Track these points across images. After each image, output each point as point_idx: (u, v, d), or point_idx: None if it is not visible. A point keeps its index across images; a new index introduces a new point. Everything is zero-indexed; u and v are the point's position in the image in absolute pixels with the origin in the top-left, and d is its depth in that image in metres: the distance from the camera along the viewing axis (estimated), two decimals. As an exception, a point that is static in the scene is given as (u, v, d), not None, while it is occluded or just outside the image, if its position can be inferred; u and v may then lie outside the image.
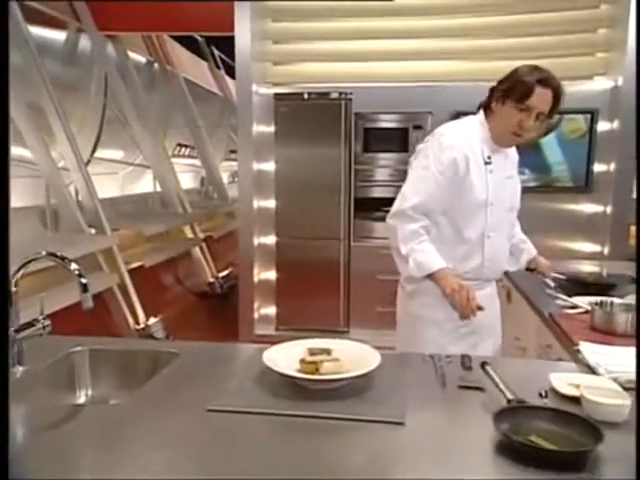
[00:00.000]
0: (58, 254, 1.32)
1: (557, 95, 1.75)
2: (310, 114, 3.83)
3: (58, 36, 4.24)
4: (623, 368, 1.36)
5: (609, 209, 3.64)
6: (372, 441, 1.11)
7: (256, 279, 3.97)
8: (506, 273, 2.74)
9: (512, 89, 1.76)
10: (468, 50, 3.88)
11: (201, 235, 5.15)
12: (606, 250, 3.68)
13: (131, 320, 3.64)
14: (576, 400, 1.22)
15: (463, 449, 1.09)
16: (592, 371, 1.41)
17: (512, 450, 1.05)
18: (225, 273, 5.14)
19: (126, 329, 3.61)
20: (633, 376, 1.32)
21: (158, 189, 5.21)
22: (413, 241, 1.80)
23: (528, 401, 1.20)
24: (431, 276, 1.80)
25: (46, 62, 3.79)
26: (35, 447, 1.08)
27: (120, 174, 5.82)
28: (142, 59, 5.54)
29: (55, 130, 3.68)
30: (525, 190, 3.67)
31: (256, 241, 3.93)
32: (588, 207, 3.72)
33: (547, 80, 1.74)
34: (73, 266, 1.29)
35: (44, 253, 1.30)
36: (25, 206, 3.63)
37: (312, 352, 1.35)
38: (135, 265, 4.08)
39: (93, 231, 3.63)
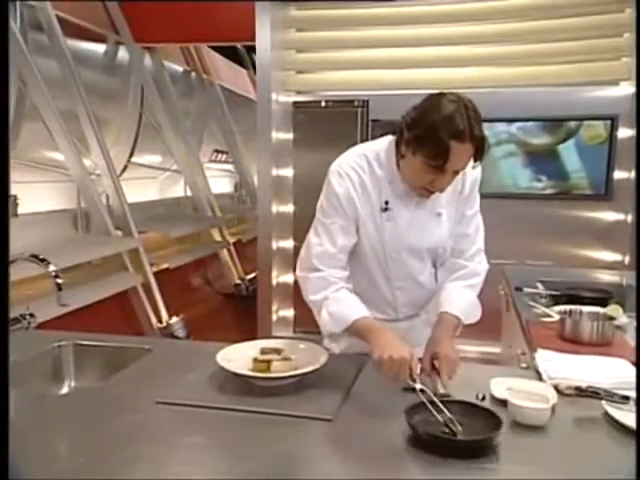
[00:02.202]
0: (40, 256, 1.46)
1: (479, 147, 1.39)
2: (328, 121, 3.92)
3: (99, 49, 4.50)
4: (566, 375, 1.39)
5: (630, 217, 3.55)
6: (298, 434, 1.20)
7: (274, 282, 4.09)
8: (505, 279, 2.76)
9: (423, 142, 1.39)
10: (487, 57, 3.87)
11: (230, 238, 5.31)
12: (627, 259, 3.59)
13: (154, 319, 3.82)
14: (509, 403, 1.27)
15: (379, 443, 1.16)
16: (540, 377, 1.44)
17: (421, 441, 1.13)
18: (252, 275, 5.29)
19: (149, 327, 3.79)
20: (573, 383, 1.35)
21: (189, 194, 5.42)
22: (326, 289, 1.52)
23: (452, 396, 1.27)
24: (352, 330, 1.48)
25: (87, 73, 4.04)
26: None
27: (159, 179, 6.09)
28: (179, 68, 5.78)
29: (88, 138, 3.91)
30: (542, 197, 3.71)
31: (274, 245, 4.05)
32: (608, 215, 3.63)
33: (465, 133, 1.34)
34: (51, 267, 1.43)
35: (27, 255, 1.44)
36: (59, 209, 3.88)
37: (264, 351, 1.45)
38: (164, 266, 4.29)
39: (120, 233, 3.84)
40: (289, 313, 4.15)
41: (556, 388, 1.34)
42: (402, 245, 1.59)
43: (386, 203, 1.56)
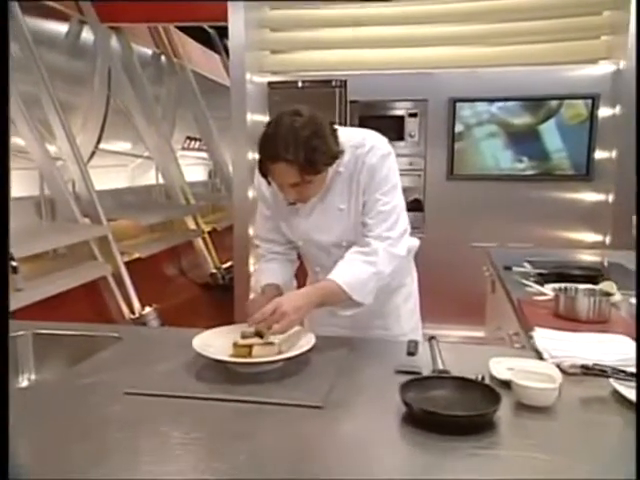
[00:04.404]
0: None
1: (298, 165, 1.36)
2: (305, 102, 3.70)
3: (61, 28, 4.28)
4: (568, 353, 1.31)
5: (611, 198, 3.52)
6: (286, 424, 1.08)
7: (252, 269, 3.96)
8: (490, 261, 2.69)
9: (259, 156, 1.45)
10: (466, 36, 3.78)
11: (205, 226, 5.16)
12: (608, 240, 3.55)
13: (126, 309, 3.66)
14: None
15: (373, 428, 1.07)
16: (540, 357, 1.35)
17: (416, 419, 1.05)
18: (228, 264, 5.15)
19: (121, 318, 3.63)
20: (577, 361, 1.27)
21: (161, 181, 5.24)
22: (260, 260, 1.71)
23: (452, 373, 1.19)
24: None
25: (49, 54, 3.84)
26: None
27: (130, 166, 5.88)
28: (148, 51, 5.56)
29: (52, 123, 3.72)
30: (524, 179, 3.65)
31: (251, 232, 3.91)
32: (589, 196, 3.59)
33: (275, 155, 1.36)
34: None
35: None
36: (21, 196, 3.68)
37: (244, 335, 1.33)
38: (136, 256, 4.12)
39: (88, 221, 3.66)
40: (267, 301, 4.02)
41: (558, 367, 1.26)
42: (307, 239, 1.63)
43: None
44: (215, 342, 1.33)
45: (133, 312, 3.69)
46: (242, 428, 1.06)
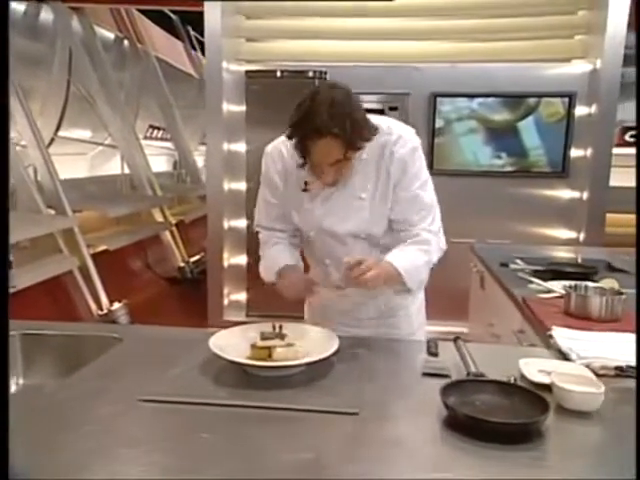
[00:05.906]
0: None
1: (344, 140, 1.29)
2: (283, 93, 3.67)
3: (18, 7, 4.02)
4: (597, 354, 1.28)
5: (585, 195, 3.58)
6: (321, 433, 1.01)
7: (226, 264, 3.84)
8: (479, 257, 2.67)
9: (292, 136, 1.36)
10: (446, 30, 3.76)
11: (172, 219, 4.99)
12: (582, 237, 3.61)
13: (93, 305, 3.48)
14: (547, 387, 1.13)
15: (415, 435, 1.01)
16: (564, 357, 1.32)
17: (458, 424, 1.00)
18: (196, 258, 5.00)
19: (88, 315, 3.45)
20: (607, 362, 1.24)
21: (127, 171, 5.02)
22: (264, 246, 1.62)
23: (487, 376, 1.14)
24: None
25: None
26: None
27: (89, 155, 5.62)
28: (110, 35, 5.32)
29: (12, 107, 3.49)
30: (502, 175, 3.67)
31: (226, 224, 3.80)
32: (564, 193, 3.64)
33: (320, 130, 1.27)
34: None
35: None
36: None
37: (264, 337, 1.24)
38: (101, 248, 3.93)
39: (52, 212, 3.46)
40: (241, 297, 3.92)
41: (588, 367, 1.23)
42: (319, 228, 1.54)
43: (305, 184, 1.50)
44: (229, 342, 1.24)
45: (101, 308, 3.51)
46: (276, 436, 0.98)
